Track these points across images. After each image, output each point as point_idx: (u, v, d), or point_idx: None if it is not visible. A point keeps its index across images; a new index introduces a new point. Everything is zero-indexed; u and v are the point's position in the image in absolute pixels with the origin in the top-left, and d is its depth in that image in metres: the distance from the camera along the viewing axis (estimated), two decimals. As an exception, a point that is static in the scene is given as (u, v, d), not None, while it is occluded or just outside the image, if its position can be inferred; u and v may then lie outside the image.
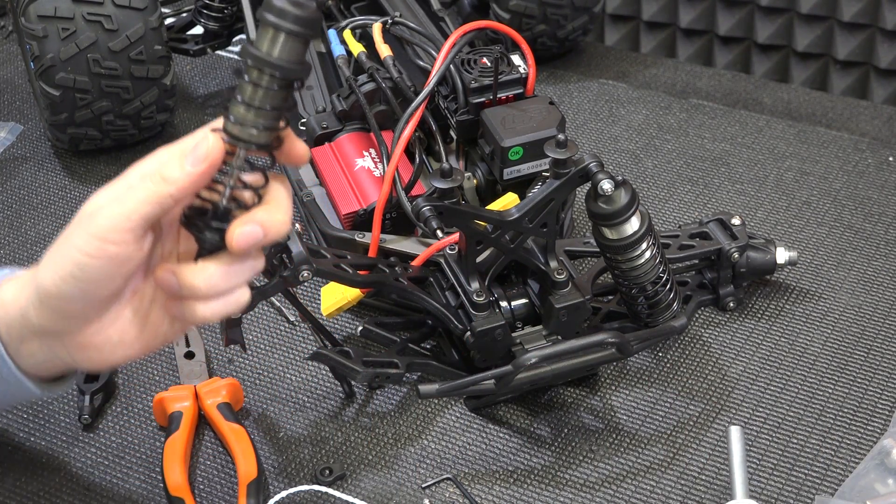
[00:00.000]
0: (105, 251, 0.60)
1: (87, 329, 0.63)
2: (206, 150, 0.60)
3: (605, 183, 0.76)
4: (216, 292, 0.62)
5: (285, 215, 0.62)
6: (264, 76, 0.58)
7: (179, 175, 0.59)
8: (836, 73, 1.44)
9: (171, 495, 0.78)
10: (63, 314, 0.63)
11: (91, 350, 0.64)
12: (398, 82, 0.94)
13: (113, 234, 0.60)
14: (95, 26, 1.03)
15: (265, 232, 0.61)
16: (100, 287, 0.62)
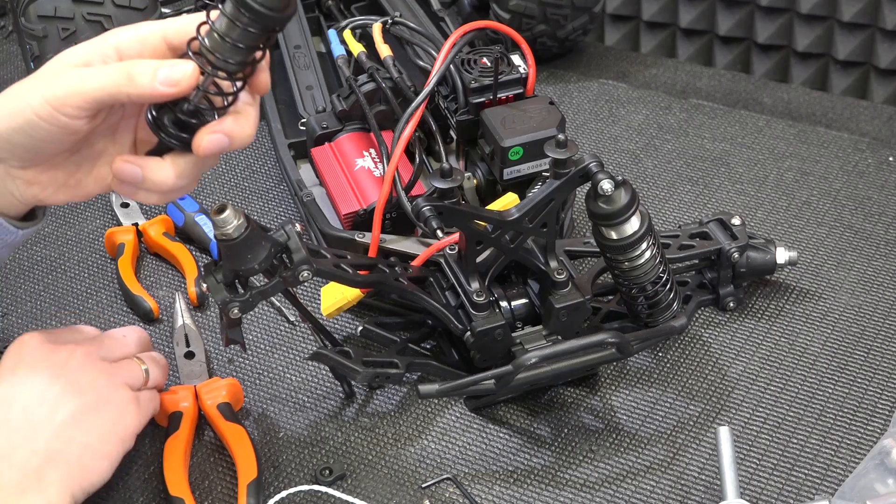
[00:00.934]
0: (56, 119, 0.62)
1: (33, 168, 0.66)
2: (180, 76, 0.61)
3: (605, 183, 0.76)
4: (178, 189, 0.66)
5: (251, 127, 0.64)
6: (242, 16, 0.58)
7: (146, 84, 0.61)
8: (836, 73, 1.44)
9: (171, 495, 0.78)
10: (9, 152, 0.65)
11: (36, 187, 0.67)
12: (398, 82, 0.94)
13: (66, 107, 0.62)
14: (95, 26, 1.03)
15: (231, 141, 0.63)
16: (47, 144, 0.64)
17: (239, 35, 0.59)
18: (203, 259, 0.99)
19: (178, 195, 0.67)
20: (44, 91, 0.62)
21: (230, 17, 0.58)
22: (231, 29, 0.59)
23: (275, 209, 1.06)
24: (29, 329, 0.93)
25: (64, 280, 0.99)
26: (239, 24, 0.58)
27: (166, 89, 0.61)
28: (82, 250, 1.02)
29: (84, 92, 0.62)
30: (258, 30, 0.58)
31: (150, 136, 0.66)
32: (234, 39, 0.59)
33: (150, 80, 0.61)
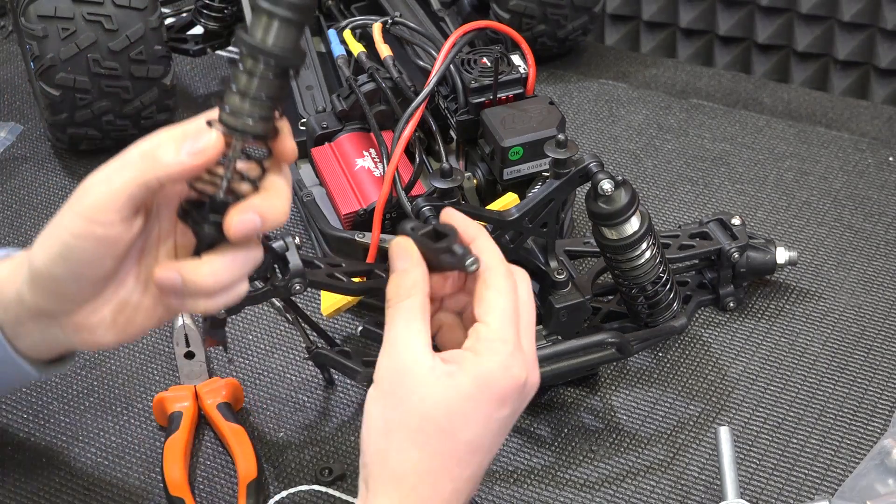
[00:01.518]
0: (91, 231, 0.59)
1: (82, 310, 0.63)
2: (204, 144, 0.59)
3: (605, 183, 0.76)
4: (221, 287, 0.62)
5: (284, 202, 0.62)
6: (259, 65, 0.58)
7: (173, 160, 0.59)
8: (836, 73, 1.44)
9: (171, 495, 0.78)
10: (56, 295, 0.63)
11: (86, 331, 0.64)
12: (398, 82, 0.94)
13: (99, 215, 0.59)
14: (95, 26, 1.03)
15: (263, 219, 0.60)
16: (89, 268, 0.61)
17: (257, 86, 0.58)
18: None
19: (228, 297, 0.63)
20: (75, 207, 0.60)
21: (246, 71, 0.58)
22: (248, 82, 0.58)
23: (275, 209, 1.05)
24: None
25: (64, 280, 0.99)
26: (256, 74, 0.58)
27: (193, 160, 0.59)
28: (82, 250, 1.02)
29: (112, 192, 0.59)
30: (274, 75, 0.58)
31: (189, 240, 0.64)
32: (253, 92, 0.59)
33: (175, 155, 0.59)
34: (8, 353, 0.67)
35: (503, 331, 0.62)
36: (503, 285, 0.64)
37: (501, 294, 0.63)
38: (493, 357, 0.61)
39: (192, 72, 1.27)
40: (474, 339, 0.62)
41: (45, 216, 1.06)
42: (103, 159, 1.17)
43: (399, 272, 0.64)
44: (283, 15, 0.56)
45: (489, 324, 0.62)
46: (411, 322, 0.62)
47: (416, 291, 0.63)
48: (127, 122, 1.09)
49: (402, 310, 0.62)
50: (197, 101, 1.22)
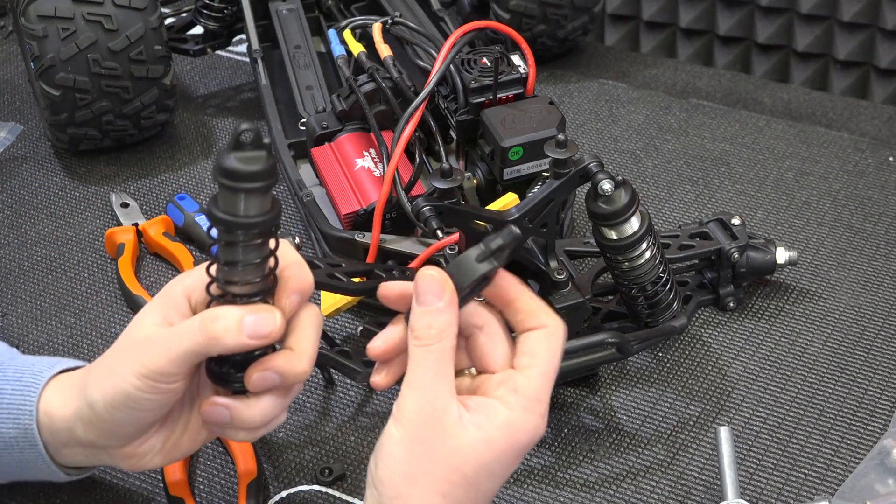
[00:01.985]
0: (157, 388, 0.62)
1: (133, 443, 0.66)
2: (269, 330, 0.60)
3: (605, 183, 0.76)
4: (265, 424, 0.64)
5: (305, 363, 0.63)
6: (238, 237, 0.58)
7: (234, 342, 0.60)
8: (836, 73, 1.44)
9: (171, 495, 0.78)
10: (111, 434, 0.66)
11: (134, 458, 0.67)
12: (398, 82, 0.94)
13: (164, 377, 0.62)
14: (95, 26, 1.03)
15: (283, 377, 0.62)
16: (151, 414, 0.64)
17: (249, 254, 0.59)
18: (203, 259, 0.99)
19: (269, 429, 0.66)
20: (136, 366, 0.62)
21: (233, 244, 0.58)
22: (241, 253, 0.59)
23: (275, 209, 1.06)
24: (29, 329, 0.93)
25: (64, 280, 0.99)
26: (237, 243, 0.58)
27: (254, 343, 0.61)
28: (82, 250, 1.02)
29: (175, 357, 0.61)
30: (261, 238, 0.59)
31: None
32: (246, 260, 0.59)
33: (237, 337, 0.60)
34: (51, 468, 0.70)
35: (541, 390, 0.61)
36: (556, 345, 0.63)
37: (552, 353, 0.62)
38: (528, 417, 0.60)
39: (192, 72, 1.27)
40: (510, 390, 0.61)
41: (45, 216, 1.06)
42: (103, 159, 1.18)
43: (433, 311, 0.61)
44: (247, 188, 0.56)
45: (531, 379, 0.61)
46: (442, 367, 0.60)
47: (448, 334, 0.61)
48: (127, 122, 1.09)
49: (435, 352, 0.60)
50: (197, 101, 1.22)
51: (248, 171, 0.55)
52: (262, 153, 0.56)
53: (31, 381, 0.69)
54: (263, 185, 0.56)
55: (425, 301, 0.61)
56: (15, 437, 0.68)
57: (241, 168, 0.55)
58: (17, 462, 0.70)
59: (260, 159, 0.55)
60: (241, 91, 1.24)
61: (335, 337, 0.91)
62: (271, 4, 1.17)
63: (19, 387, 0.69)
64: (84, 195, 1.09)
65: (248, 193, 0.56)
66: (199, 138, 1.16)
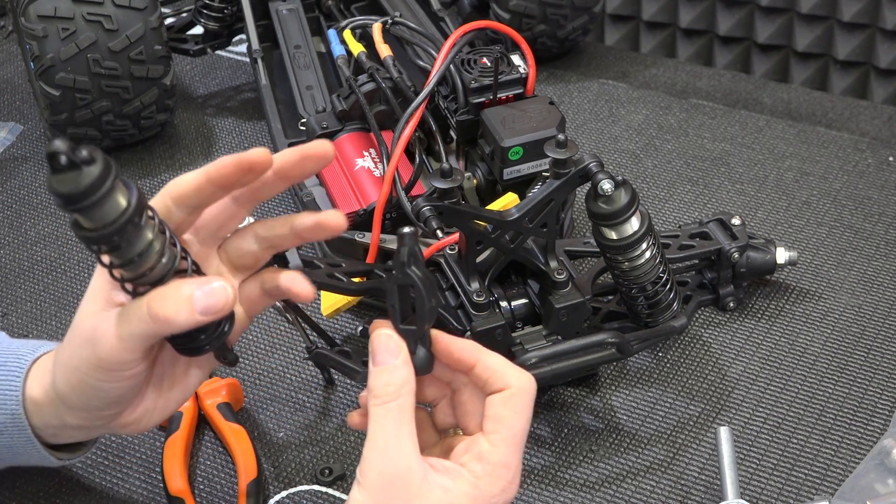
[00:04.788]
0: (119, 377, 0.62)
1: (123, 414, 0.66)
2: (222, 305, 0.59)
3: (605, 183, 0.76)
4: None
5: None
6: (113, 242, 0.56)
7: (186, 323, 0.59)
8: (836, 73, 1.44)
9: (171, 495, 0.78)
10: (96, 415, 0.65)
11: (131, 426, 0.67)
12: (398, 82, 0.94)
13: (122, 365, 0.61)
14: (95, 26, 1.03)
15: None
16: (122, 393, 0.64)
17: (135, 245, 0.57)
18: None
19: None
20: (92, 360, 0.62)
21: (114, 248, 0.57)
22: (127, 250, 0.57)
23: (275, 209, 1.06)
24: (29, 329, 0.93)
25: (64, 280, 0.99)
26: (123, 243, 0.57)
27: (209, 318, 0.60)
28: (82, 250, 1.02)
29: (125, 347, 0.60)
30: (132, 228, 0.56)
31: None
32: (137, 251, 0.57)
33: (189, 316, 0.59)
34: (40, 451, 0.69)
35: (508, 456, 0.61)
36: (524, 404, 0.62)
37: (520, 415, 0.62)
38: (495, 482, 0.60)
39: (192, 72, 1.27)
40: (475, 457, 0.61)
41: (45, 216, 1.06)
42: (103, 159, 1.17)
43: (388, 368, 0.61)
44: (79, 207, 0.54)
45: (495, 445, 0.61)
46: (402, 425, 0.60)
47: (406, 391, 0.60)
48: (127, 122, 1.09)
49: (393, 411, 0.60)
50: (197, 101, 1.22)
51: (76, 192, 0.52)
52: (78, 172, 0.52)
53: (15, 365, 0.68)
54: (94, 199, 0.53)
55: (381, 360, 0.61)
56: (3, 423, 0.68)
57: (67, 191, 0.52)
58: (7, 447, 0.69)
59: (76, 178, 0.52)
60: (241, 91, 1.24)
61: (335, 337, 0.91)
62: (271, 4, 1.17)
63: (4, 371, 0.68)
64: (84, 195, 1.08)
65: (85, 210, 0.54)
66: (199, 138, 1.16)
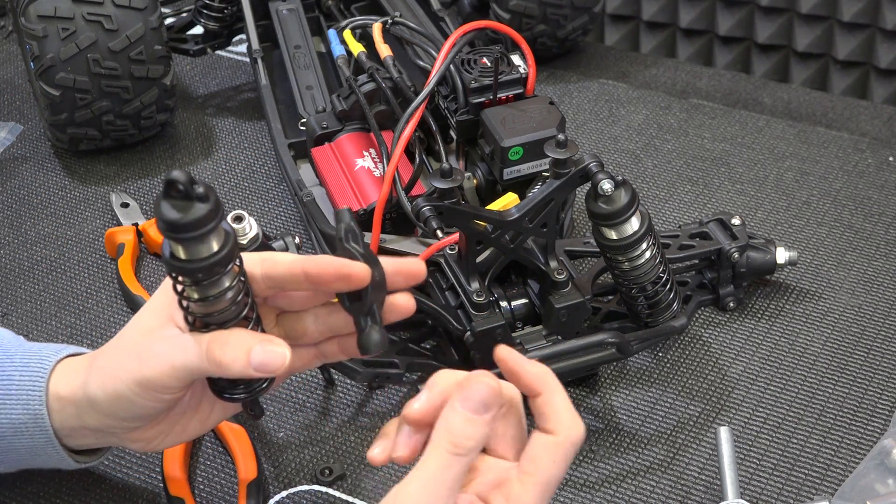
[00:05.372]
0: (157, 397, 0.63)
1: (141, 428, 0.67)
2: (277, 366, 0.61)
3: (605, 183, 0.76)
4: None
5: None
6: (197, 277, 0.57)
7: (238, 373, 0.61)
8: (836, 73, 1.44)
9: (171, 495, 0.78)
10: (118, 423, 0.66)
11: (142, 442, 0.68)
12: (398, 82, 0.94)
13: (164, 389, 0.63)
14: (95, 26, 1.03)
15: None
16: (151, 412, 0.65)
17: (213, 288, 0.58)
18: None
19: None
20: (136, 375, 0.63)
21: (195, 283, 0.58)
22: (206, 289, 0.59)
23: (275, 209, 1.06)
24: (29, 329, 0.93)
25: (64, 280, 0.99)
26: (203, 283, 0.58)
27: (260, 375, 0.61)
28: (82, 250, 1.02)
29: (175, 375, 0.62)
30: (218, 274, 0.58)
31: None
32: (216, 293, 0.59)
33: (244, 368, 0.60)
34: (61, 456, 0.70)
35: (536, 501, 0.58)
36: (562, 457, 0.59)
37: (556, 465, 0.59)
38: None
39: (192, 72, 1.27)
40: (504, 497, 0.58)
41: (45, 216, 1.06)
42: (103, 159, 1.18)
43: (479, 421, 0.57)
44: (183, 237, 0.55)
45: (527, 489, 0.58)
46: (459, 479, 0.57)
47: (480, 447, 0.58)
48: (127, 122, 1.09)
49: (459, 464, 0.57)
50: (197, 101, 1.22)
51: (181, 222, 0.54)
52: (189, 204, 0.54)
53: (39, 366, 0.69)
54: (195, 234, 0.55)
55: (475, 409, 0.58)
56: (25, 423, 0.69)
57: (173, 218, 0.54)
58: (27, 448, 0.70)
59: (186, 209, 0.54)
60: (241, 91, 1.24)
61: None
62: (271, 4, 1.17)
63: (27, 372, 0.69)
64: (84, 195, 1.09)
65: (183, 241, 0.55)
66: (199, 138, 1.16)
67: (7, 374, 0.69)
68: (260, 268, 0.63)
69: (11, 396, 0.68)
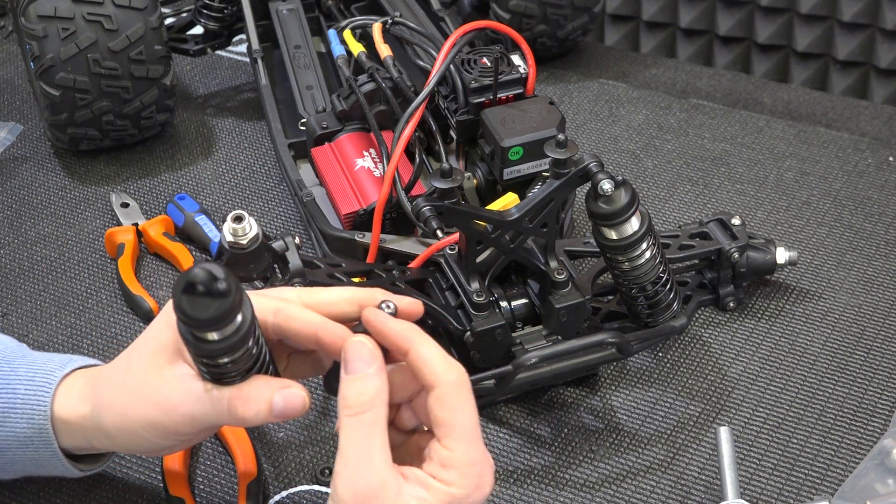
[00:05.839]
0: (172, 439, 0.64)
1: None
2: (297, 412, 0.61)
3: (605, 183, 0.76)
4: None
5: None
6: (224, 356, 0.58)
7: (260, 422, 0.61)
8: (836, 73, 1.44)
9: (170, 495, 0.78)
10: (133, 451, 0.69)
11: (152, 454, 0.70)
12: (398, 82, 0.94)
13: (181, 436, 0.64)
14: (95, 26, 1.03)
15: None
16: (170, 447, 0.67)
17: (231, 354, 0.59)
18: (203, 260, 0.99)
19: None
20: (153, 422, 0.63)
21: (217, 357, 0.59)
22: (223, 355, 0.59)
23: (275, 209, 1.06)
24: (29, 329, 0.93)
25: (64, 280, 0.99)
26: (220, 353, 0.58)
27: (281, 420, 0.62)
28: (82, 250, 1.02)
29: (195, 427, 0.63)
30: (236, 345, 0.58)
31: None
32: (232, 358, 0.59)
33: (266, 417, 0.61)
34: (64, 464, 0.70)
35: (471, 453, 0.59)
36: (460, 400, 0.60)
37: (459, 411, 0.59)
38: (466, 482, 0.59)
39: (192, 72, 1.27)
40: (439, 466, 0.59)
41: (45, 216, 1.06)
42: (103, 159, 1.18)
43: (361, 377, 0.59)
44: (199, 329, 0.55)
45: (453, 449, 0.59)
46: (374, 438, 0.58)
47: (379, 402, 0.59)
48: (127, 122, 1.09)
49: (365, 423, 0.58)
50: (197, 101, 1.22)
51: (197, 318, 0.53)
52: (211, 300, 0.53)
53: (44, 380, 0.69)
54: (219, 327, 0.54)
55: (354, 369, 0.60)
56: (30, 437, 0.69)
57: (191, 313, 0.53)
58: (31, 460, 0.70)
59: (209, 305, 0.53)
60: (241, 91, 1.24)
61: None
62: (271, 4, 1.17)
63: (32, 386, 0.69)
64: (84, 195, 1.09)
65: (202, 330, 0.55)
66: (199, 138, 1.16)
67: (11, 387, 0.69)
68: (273, 318, 0.62)
69: (16, 410, 0.68)
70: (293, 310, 0.62)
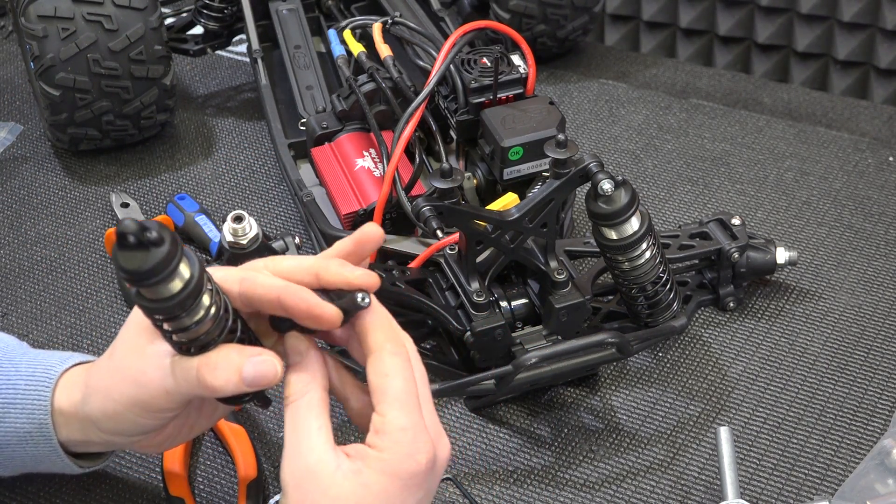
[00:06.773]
0: (155, 417, 0.64)
1: (148, 436, 0.67)
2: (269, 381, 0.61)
3: (605, 183, 0.76)
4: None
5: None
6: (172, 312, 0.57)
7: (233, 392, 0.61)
8: (836, 73, 1.44)
9: (171, 495, 0.78)
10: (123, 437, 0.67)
11: (153, 446, 0.69)
12: (398, 82, 0.94)
13: (161, 411, 0.64)
14: (95, 26, 1.03)
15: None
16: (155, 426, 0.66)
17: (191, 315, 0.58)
18: (203, 259, 0.99)
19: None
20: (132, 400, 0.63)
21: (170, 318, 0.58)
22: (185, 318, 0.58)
23: (275, 209, 1.06)
24: (29, 329, 0.93)
25: (64, 280, 0.99)
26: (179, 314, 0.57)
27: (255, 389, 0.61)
28: (82, 250, 1.02)
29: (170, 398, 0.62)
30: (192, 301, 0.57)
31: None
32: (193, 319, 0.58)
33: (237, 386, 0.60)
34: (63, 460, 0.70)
35: (401, 418, 0.59)
36: (392, 366, 0.60)
37: (392, 377, 0.60)
38: (398, 449, 0.59)
39: (192, 72, 1.27)
40: (373, 433, 0.60)
41: (45, 216, 1.06)
42: (103, 159, 1.18)
43: (293, 367, 0.62)
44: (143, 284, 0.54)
45: (385, 414, 0.60)
46: (310, 420, 0.60)
47: (312, 387, 0.61)
48: (127, 122, 1.09)
49: (300, 409, 0.60)
50: (197, 101, 1.22)
51: (133, 271, 0.53)
52: (145, 252, 0.53)
53: (44, 376, 0.69)
54: (159, 278, 0.54)
55: (290, 360, 0.62)
56: (29, 432, 0.69)
57: (127, 266, 0.53)
58: (31, 456, 0.70)
59: (143, 257, 0.53)
60: (241, 91, 1.24)
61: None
62: (271, 4, 1.17)
63: (32, 382, 0.69)
64: (84, 195, 1.09)
65: (153, 287, 0.55)
66: (199, 138, 1.16)
67: (12, 382, 0.69)
68: (239, 286, 0.62)
69: (17, 406, 0.69)
70: (257, 277, 0.63)
